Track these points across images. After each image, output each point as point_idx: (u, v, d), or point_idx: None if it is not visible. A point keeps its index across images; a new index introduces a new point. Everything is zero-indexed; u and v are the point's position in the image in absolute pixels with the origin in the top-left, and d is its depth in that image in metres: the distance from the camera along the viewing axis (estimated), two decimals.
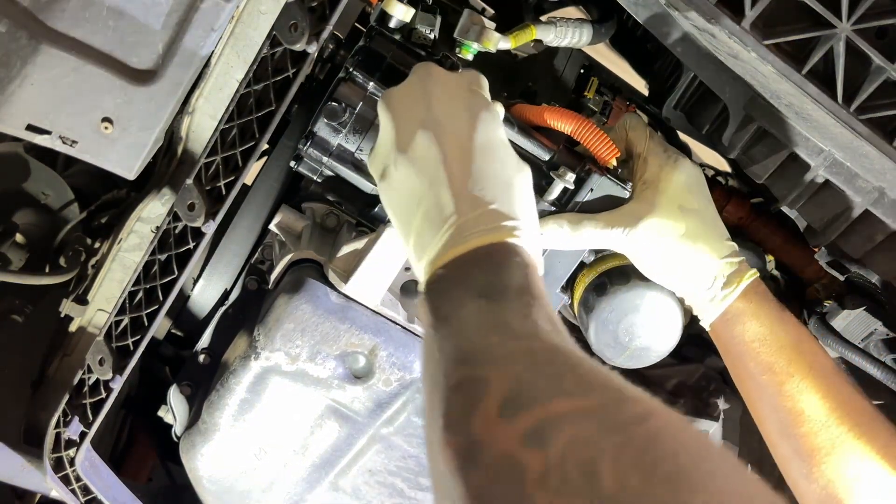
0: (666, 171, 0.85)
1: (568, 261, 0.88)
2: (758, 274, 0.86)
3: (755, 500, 0.36)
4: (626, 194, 0.84)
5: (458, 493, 0.43)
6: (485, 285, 0.56)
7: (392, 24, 0.82)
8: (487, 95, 0.73)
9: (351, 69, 0.80)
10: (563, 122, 0.84)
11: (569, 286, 0.93)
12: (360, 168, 0.84)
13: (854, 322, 0.96)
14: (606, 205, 0.84)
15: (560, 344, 0.50)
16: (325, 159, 0.84)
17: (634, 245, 0.84)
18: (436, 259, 0.61)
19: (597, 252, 0.93)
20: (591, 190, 0.83)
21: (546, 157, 0.84)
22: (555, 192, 0.82)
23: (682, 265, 0.85)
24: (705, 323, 0.88)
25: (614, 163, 0.84)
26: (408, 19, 0.82)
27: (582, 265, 0.92)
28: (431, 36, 0.84)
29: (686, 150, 1.10)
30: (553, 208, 0.84)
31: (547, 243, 0.84)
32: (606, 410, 0.43)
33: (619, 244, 0.84)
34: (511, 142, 0.80)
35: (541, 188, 0.83)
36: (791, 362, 0.84)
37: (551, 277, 0.89)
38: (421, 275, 0.63)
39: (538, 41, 0.90)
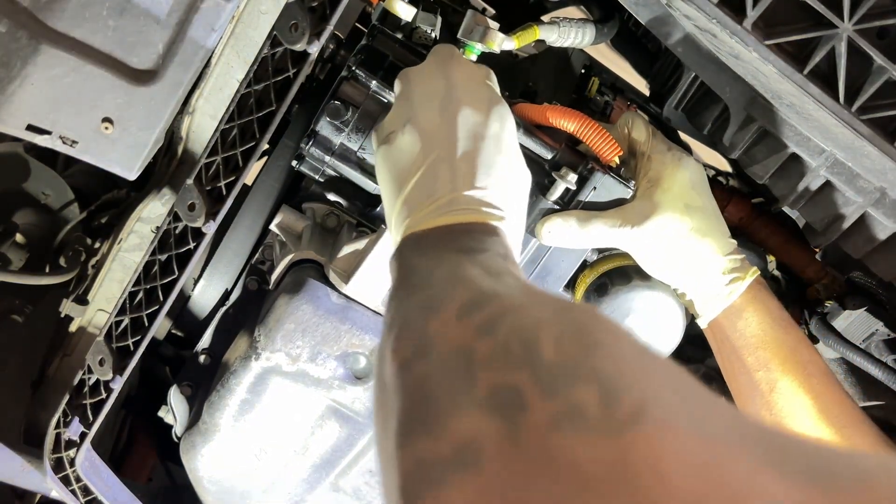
0: (670, 168, 0.85)
1: (571, 259, 0.88)
2: (759, 272, 0.87)
3: (687, 387, 0.36)
4: (630, 192, 0.84)
5: (398, 387, 0.44)
6: (463, 247, 0.57)
7: (394, 24, 0.82)
8: (499, 93, 0.74)
9: (354, 68, 0.80)
10: (565, 121, 0.84)
11: (570, 286, 0.93)
12: (362, 167, 0.84)
13: (855, 322, 0.96)
14: (610, 203, 0.84)
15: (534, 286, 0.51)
16: (327, 158, 0.84)
17: (641, 242, 0.84)
18: (418, 224, 0.62)
19: (600, 251, 0.93)
20: (595, 188, 0.83)
21: (549, 155, 0.84)
22: (557, 191, 0.82)
23: (687, 261, 0.85)
24: (704, 319, 0.88)
25: (617, 161, 0.84)
26: (409, 18, 0.82)
27: (584, 265, 0.92)
28: (433, 35, 0.84)
29: (687, 150, 1.10)
30: (557, 207, 0.84)
31: (553, 240, 0.84)
32: (557, 304, 0.44)
33: (625, 242, 0.85)
34: None
35: (543, 187, 0.83)
36: (787, 361, 0.84)
37: (554, 276, 0.89)
38: (398, 237, 0.64)
39: (540, 41, 0.90)
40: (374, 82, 0.80)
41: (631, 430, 0.32)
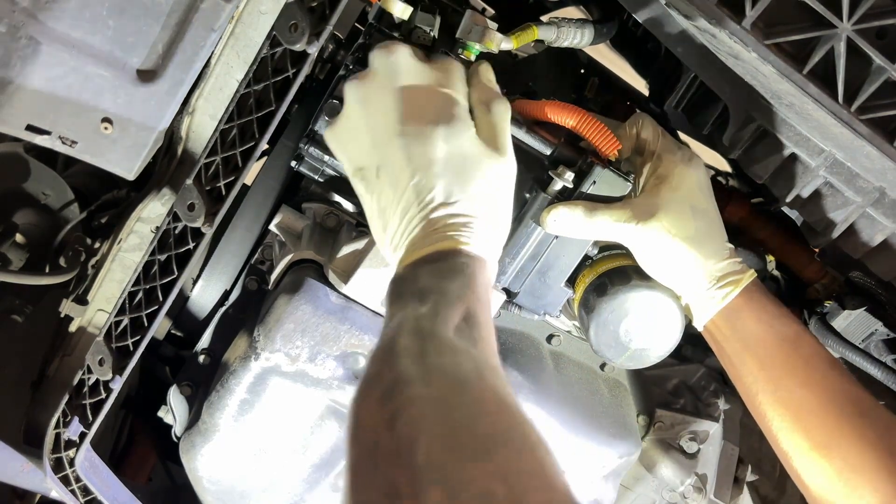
0: (680, 168, 0.86)
1: (572, 254, 0.88)
2: (756, 274, 0.87)
3: (522, 473, 0.45)
4: (629, 186, 0.85)
5: (347, 463, 0.53)
6: (422, 289, 0.63)
7: (391, 23, 0.82)
8: (457, 86, 0.75)
9: (351, 66, 0.80)
10: (564, 116, 0.84)
11: (571, 282, 0.93)
12: None
13: (854, 322, 0.96)
14: (609, 197, 0.85)
15: (456, 346, 0.58)
16: (326, 158, 0.84)
17: (643, 239, 0.85)
18: (402, 261, 0.69)
19: (601, 249, 0.93)
20: (594, 182, 0.83)
21: (548, 151, 0.84)
22: (557, 186, 0.83)
23: (687, 263, 0.85)
24: (699, 322, 0.89)
25: (616, 155, 0.85)
26: (406, 17, 0.82)
27: (585, 259, 0.92)
28: (432, 35, 0.84)
29: None
30: (558, 200, 0.84)
31: (558, 229, 0.84)
32: (445, 399, 0.51)
33: (628, 237, 0.85)
34: (513, 137, 0.81)
35: (543, 182, 0.83)
36: (789, 357, 0.84)
37: (555, 271, 0.88)
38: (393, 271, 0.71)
39: (539, 41, 0.90)
40: None
41: None
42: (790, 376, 0.84)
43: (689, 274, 0.86)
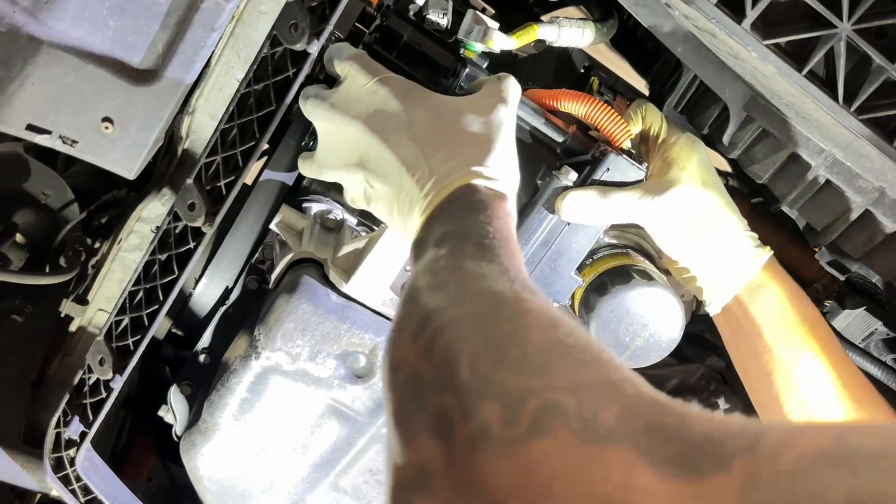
0: (686, 149, 0.86)
1: (584, 240, 0.87)
2: (772, 251, 0.87)
3: (589, 385, 0.39)
4: (642, 174, 0.84)
5: (388, 409, 0.49)
6: (439, 236, 0.60)
7: (407, 6, 0.81)
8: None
9: (370, 46, 0.79)
10: (576, 104, 0.84)
11: (582, 269, 0.92)
12: None
13: (854, 322, 0.96)
14: (623, 184, 0.84)
15: (484, 269, 0.53)
16: None
17: (660, 215, 0.84)
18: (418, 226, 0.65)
19: (611, 238, 0.93)
20: (608, 169, 0.83)
21: (560, 139, 0.84)
22: (570, 174, 0.82)
23: (707, 236, 0.85)
24: (719, 302, 0.88)
25: (628, 144, 0.85)
26: (421, 1, 0.82)
27: (589, 256, 0.91)
28: (444, 22, 0.83)
29: None
30: (570, 185, 0.84)
31: (573, 214, 0.83)
32: (481, 315, 0.47)
33: (645, 214, 0.84)
34: (527, 125, 0.81)
35: (555, 170, 0.83)
36: (808, 336, 0.84)
37: (566, 258, 0.88)
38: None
39: (540, 41, 0.90)
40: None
41: (528, 441, 0.36)
42: (812, 355, 0.84)
43: (711, 248, 0.86)
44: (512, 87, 0.74)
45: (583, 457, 0.34)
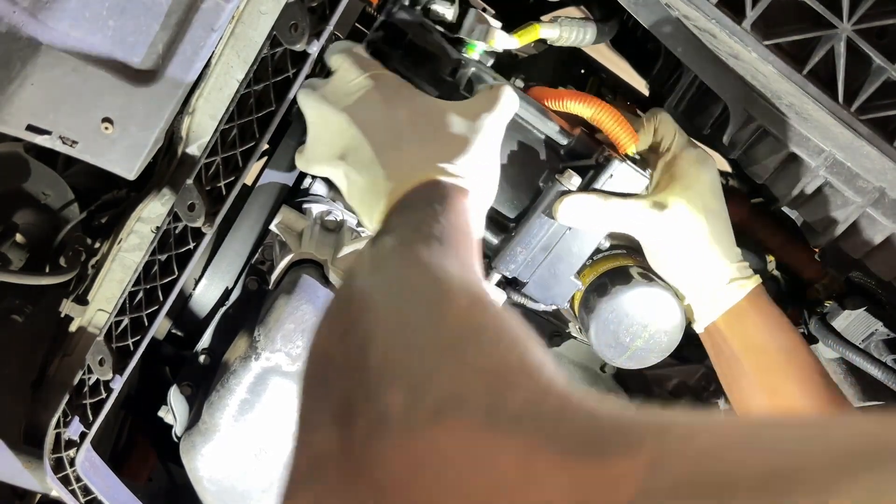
0: (696, 168, 0.85)
1: (584, 246, 0.86)
2: (760, 280, 0.87)
3: (499, 370, 0.37)
4: (646, 181, 0.84)
5: (298, 396, 0.46)
6: (393, 225, 0.59)
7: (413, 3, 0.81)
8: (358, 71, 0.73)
9: (375, 43, 0.78)
10: (581, 106, 0.83)
11: (581, 270, 0.92)
12: None
13: (854, 322, 0.96)
14: (625, 193, 0.83)
15: (421, 256, 0.51)
16: None
17: (655, 231, 0.84)
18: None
19: (611, 245, 0.92)
20: (611, 176, 0.82)
21: (564, 141, 0.83)
22: (572, 178, 0.81)
23: (694, 262, 0.85)
24: (701, 323, 0.89)
25: (633, 150, 0.84)
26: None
27: (591, 256, 0.91)
28: (450, 13, 0.82)
29: None
30: (572, 190, 0.83)
31: (572, 219, 0.82)
32: (403, 299, 0.45)
33: (642, 226, 0.84)
34: (530, 125, 0.80)
35: (558, 172, 0.82)
36: (788, 365, 0.85)
37: (566, 263, 0.87)
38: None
39: (541, 41, 0.90)
40: (392, 64, 0.78)
41: (426, 429, 0.33)
42: (790, 383, 0.84)
43: (697, 272, 0.86)
44: (504, 96, 0.73)
45: (482, 444, 0.32)
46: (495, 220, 0.87)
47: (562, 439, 0.31)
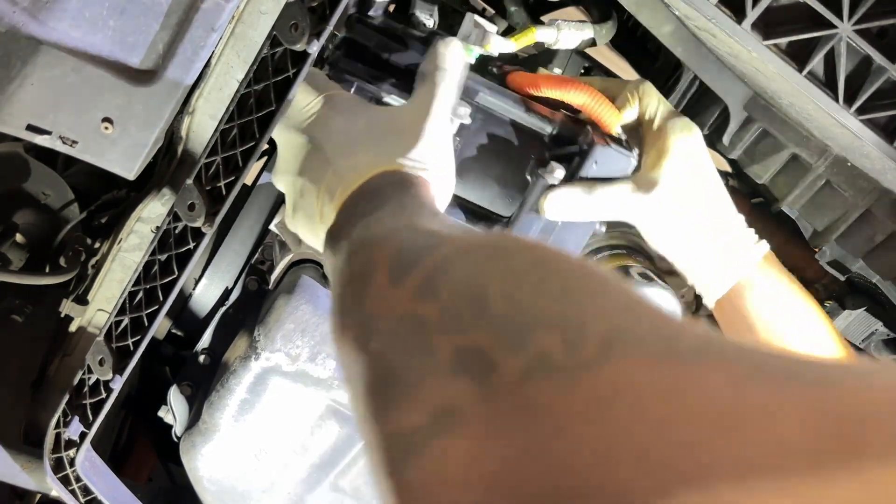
0: (683, 137, 0.82)
1: (578, 236, 0.84)
2: (768, 246, 0.85)
3: (644, 308, 0.35)
4: (633, 163, 0.81)
5: (359, 369, 0.42)
6: (365, 210, 0.58)
7: (372, 11, 0.79)
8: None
9: (336, 64, 0.78)
10: (559, 91, 0.80)
11: None
12: None
13: (854, 322, 0.96)
14: (613, 177, 0.80)
15: (438, 218, 0.50)
16: None
17: (648, 212, 0.82)
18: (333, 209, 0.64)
19: (613, 241, 0.92)
20: (596, 162, 0.78)
21: (548, 129, 0.81)
22: (558, 171, 0.78)
23: (697, 236, 0.83)
24: (711, 297, 0.86)
25: (618, 129, 0.81)
26: (388, 4, 0.80)
27: (592, 255, 0.91)
28: (431, 23, 0.82)
29: None
30: (557, 184, 0.80)
31: (559, 213, 0.80)
32: (490, 244, 0.43)
33: (633, 210, 0.82)
34: (512, 117, 0.79)
35: (544, 162, 0.80)
36: (802, 330, 0.84)
37: None
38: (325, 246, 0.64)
39: (539, 44, 0.90)
40: (357, 78, 0.77)
41: (599, 365, 0.32)
42: (807, 348, 0.83)
43: (700, 246, 0.83)
44: (448, 51, 0.72)
45: (669, 372, 0.30)
46: (488, 219, 0.85)
47: (766, 372, 0.28)
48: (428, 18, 0.81)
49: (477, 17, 0.82)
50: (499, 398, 0.34)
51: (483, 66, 0.84)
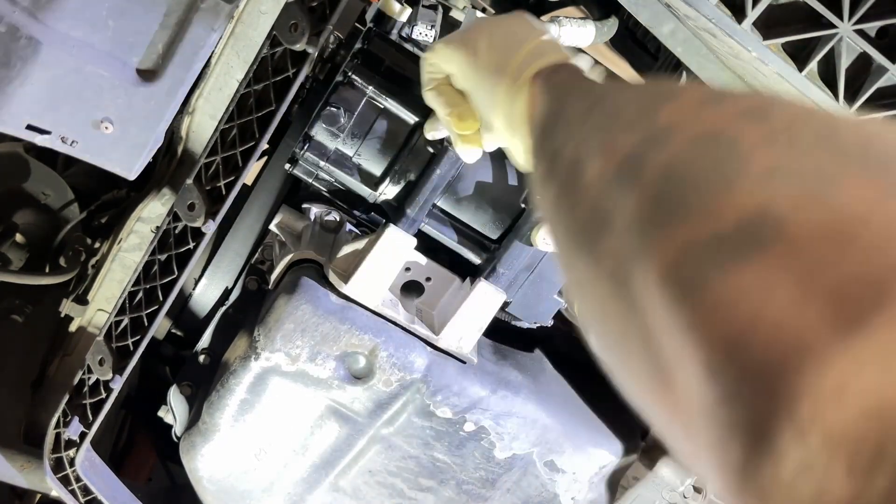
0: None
1: None
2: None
3: None
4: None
5: (624, 185, 0.38)
6: (564, 90, 0.54)
7: (390, 25, 0.82)
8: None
9: (350, 73, 0.79)
10: None
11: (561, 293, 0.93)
12: (359, 172, 0.84)
13: None
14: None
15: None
16: (321, 164, 0.83)
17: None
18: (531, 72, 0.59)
19: None
20: None
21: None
22: None
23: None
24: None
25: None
26: (404, 19, 0.81)
27: None
28: (434, 33, 0.83)
29: None
30: None
31: (550, 247, 0.83)
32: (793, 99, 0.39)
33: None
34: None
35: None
36: None
37: (548, 282, 0.89)
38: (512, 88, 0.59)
39: None
40: (371, 88, 0.79)
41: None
42: None
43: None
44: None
45: None
46: (477, 241, 0.89)
47: None
48: (429, 30, 0.82)
49: (479, 14, 0.83)
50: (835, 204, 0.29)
51: None
